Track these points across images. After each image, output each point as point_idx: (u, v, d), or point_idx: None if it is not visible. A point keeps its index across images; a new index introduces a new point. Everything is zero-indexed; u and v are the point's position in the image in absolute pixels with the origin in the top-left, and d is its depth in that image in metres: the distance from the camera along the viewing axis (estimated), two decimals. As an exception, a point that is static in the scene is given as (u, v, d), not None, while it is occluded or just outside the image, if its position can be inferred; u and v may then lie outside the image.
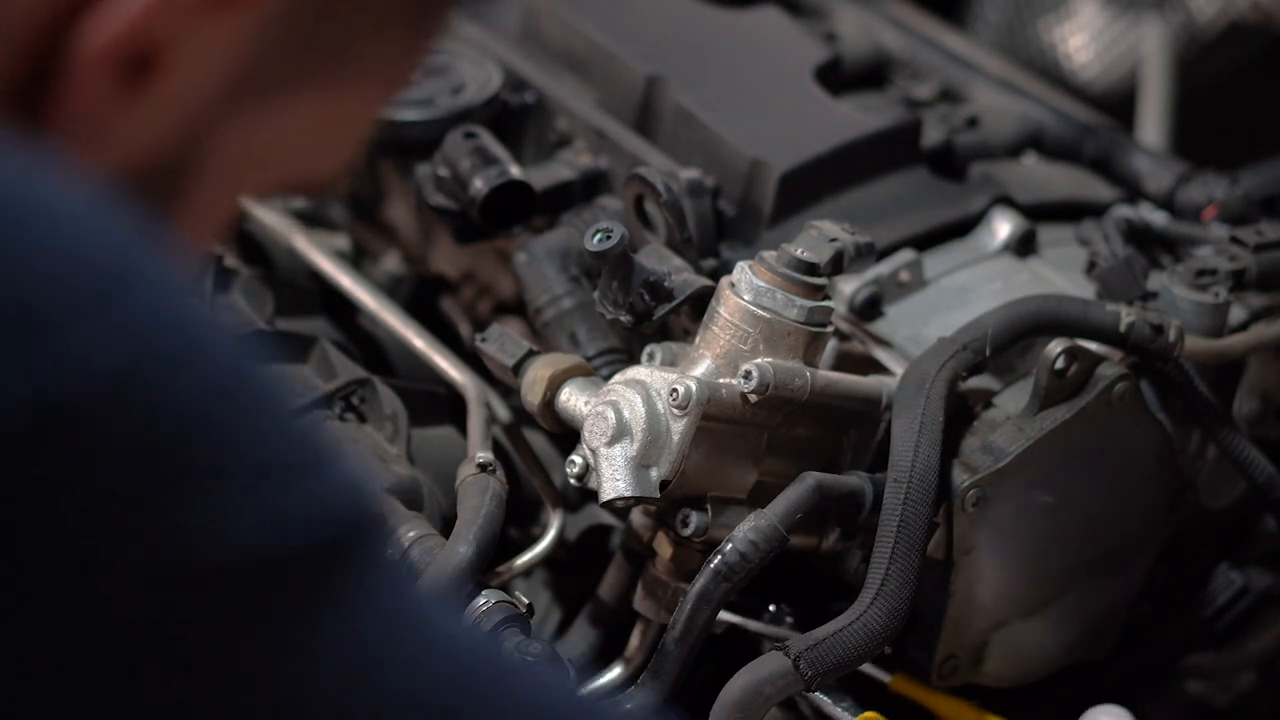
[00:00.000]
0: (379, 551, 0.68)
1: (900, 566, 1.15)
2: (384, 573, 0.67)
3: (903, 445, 1.18)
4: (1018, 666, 1.35)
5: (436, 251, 1.69)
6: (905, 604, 1.15)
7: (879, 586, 1.15)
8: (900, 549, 1.15)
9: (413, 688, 0.67)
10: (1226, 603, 1.43)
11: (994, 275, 1.38)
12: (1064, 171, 1.54)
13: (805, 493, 1.17)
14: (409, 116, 1.45)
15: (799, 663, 1.12)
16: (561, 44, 1.57)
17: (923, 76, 1.65)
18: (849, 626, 1.13)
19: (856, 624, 1.14)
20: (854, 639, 1.13)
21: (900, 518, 1.16)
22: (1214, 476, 1.39)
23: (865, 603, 1.14)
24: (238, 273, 1.44)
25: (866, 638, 1.13)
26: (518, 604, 1.17)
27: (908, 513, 1.16)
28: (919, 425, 1.18)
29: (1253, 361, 1.37)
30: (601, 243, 1.20)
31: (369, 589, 0.66)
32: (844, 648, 1.13)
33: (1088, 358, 1.25)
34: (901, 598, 1.15)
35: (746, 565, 1.15)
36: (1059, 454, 1.25)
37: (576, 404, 1.22)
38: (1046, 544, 1.29)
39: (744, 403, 1.17)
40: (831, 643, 1.13)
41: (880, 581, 1.15)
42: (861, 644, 1.13)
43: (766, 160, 1.38)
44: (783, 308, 1.18)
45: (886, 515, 1.16)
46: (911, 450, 1.18)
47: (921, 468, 1.17)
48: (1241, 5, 2.20)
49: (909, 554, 1.15)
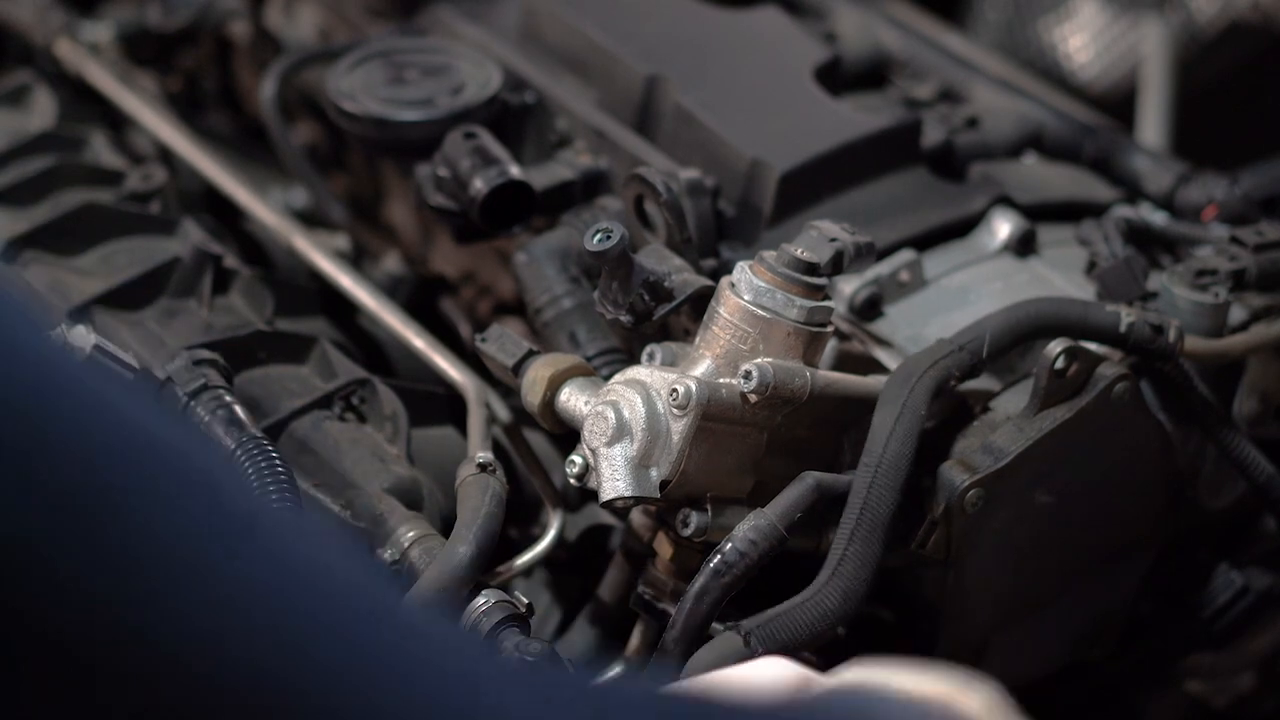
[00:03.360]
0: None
1: (859, 549, 1.14)
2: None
3: (878, 433, 1.18)
4: (1018, 666, 1.35)
5: (436, 251, 1.69)
6: (862, 586, 1.14)
7: (835, 567, 1.14)
8: (861, 532, 1.15)
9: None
10: (1226, 603, 1.43)
11: (994, 275, 1.38)
12: (1064, 171, 1.54)
13: (804, 492, 1.17)
14: (409, 116, 1.45)
15: (749, 639, 1.11)
16: (561, 44, 1.57)
17: (923, 76, 1.65)
18: (801, 604, 1.13)
19: (809, 602, 1.13)
20: (805, 617, 1.12)
21: (864, 501, 1.15)
22: (1214, 476, 1.39)
23: (820, 582, 1.13)
24: (238, 273, 1.44)
25: (818, 616, 1.12)
26: (517, 604, 1.17)
27: (872, 497, 1.15)
28: (897, 415, 1.18)
29: (1252, 361, 1.38)
30: (601, 243, 1.20)
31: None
32: (795, 625, 1.12)
33: (1088, 358, 1.25)
34: (858, 579, 1.14)
35: (745, 563, 1.14)
36: (1059, 454, 1.25)
37: (576, 404, 1.22)
38: (1046, 544, 1.29)
39: (744, 403, 1.17)
40: (783, 620, 1.12)
41: (837, 562, 1.14)
42: (813, 622, 1.12)
43: (766, 160, 1.38)
44: (782, 308, 1.18)
45: (852, 499, 1.16)
46: (885, 438, 1.17)
47: (892, 455, 1.17)
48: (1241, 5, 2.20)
49: (869, 538, 1.14)
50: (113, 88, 1.68)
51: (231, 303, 1.43)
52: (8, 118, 1.66)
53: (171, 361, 1.28)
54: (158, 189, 1.54)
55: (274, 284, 1.45)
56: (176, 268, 1.42)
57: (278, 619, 0.67)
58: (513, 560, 1.26)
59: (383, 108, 1.46)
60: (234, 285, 1.44)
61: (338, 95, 1.48)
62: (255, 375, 1.36)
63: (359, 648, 0.70)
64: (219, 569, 0.67)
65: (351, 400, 1.35)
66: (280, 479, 1.19)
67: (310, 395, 1.34)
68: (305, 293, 1.50)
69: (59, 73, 1.72)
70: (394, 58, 1.52)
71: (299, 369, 1.38)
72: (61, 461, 0.64)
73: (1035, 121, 1.57)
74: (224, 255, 1.45)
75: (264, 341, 1.38)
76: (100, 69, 1.70)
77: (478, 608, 1.17)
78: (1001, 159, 1.53)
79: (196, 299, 1.42)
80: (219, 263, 1.43)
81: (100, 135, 1.62)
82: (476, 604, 1.17)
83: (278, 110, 1.64)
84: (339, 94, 1.48)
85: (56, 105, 1.66)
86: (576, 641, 1.33)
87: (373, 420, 1.35)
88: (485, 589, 1.18)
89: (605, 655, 1.29)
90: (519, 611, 1.17)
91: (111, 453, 0.66)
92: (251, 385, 1.34)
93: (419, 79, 1.50)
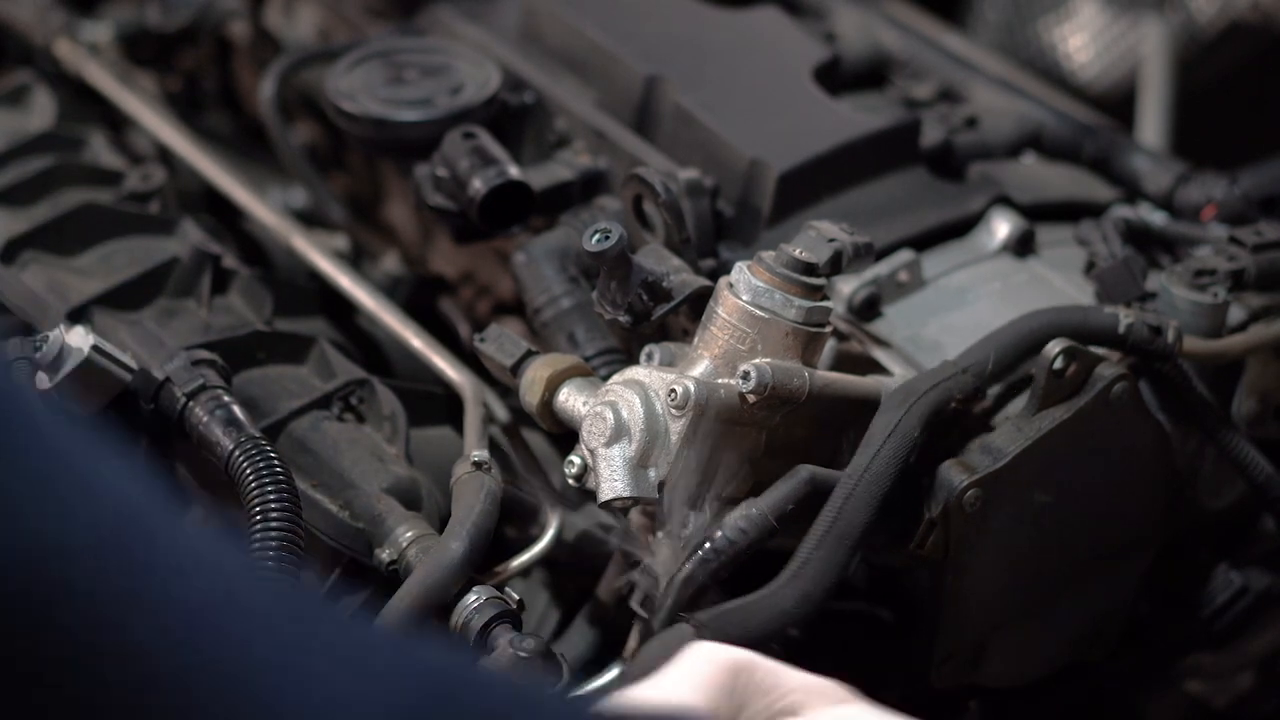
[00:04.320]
0: None
1: (825, 555, 1.13)
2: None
3: (866, 447, 1.18)
4: (1017, 666, 1.35)
5: (436, 251, 1.69)
6: (821, 591, 1.13)
7: (797, 569, 1.13)
8: (830, 539, 1.14)
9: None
10: (1226, 603, 1.42)
11: (993, 275, 1.38)
12: (1063, 171, 1.54)
13: (797, 485, 1.16)
14: (409, 116, 1.45)
15: (702, 632, 1.10)
16: (561, 44, 1.57)
17: (922, 76, 1.65)
18: (757, 601, 1.12)
19: (765, 600, 1.12)
20: (759, 614, 1.11)
21: (839, 511, 1.15)
22: (1214, 476, 1.39)
23: (780, 582, 1.13)
24: (237, 273, 1.44)
25: (772, 615, 1.11)
26: (508, 600, 1.17)
27: (848, 508, 1.15)
28: (889, 432, 1.18)
29: (1251, 362, 1.37)
30: (600, 243, 1.20)
31: None
32: (748, 622, 1.11)
33: (1086, 358, 1.24)
34: (818, 584, 1.13)
35: (733, 549, 1.14)
36: (1058, 454, 1.25)
37: (575, 404, 1.22)
38: (1045, 544, 1.29)
39: (742, 403, 1.17)
40: (736, 614, 1.11)
41: (800, 564, 1.13)
42: (766, 620, 1.11)
43: (765, 160, 1.38)
44: (781, 308, 1.18)
45: (829, 505, 1.15)
46: (872, 453, 1.17)
47: (876, 470, 1.16)
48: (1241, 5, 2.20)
49: (837, 546, 1.14)
50: (112, 88, 1.68)
51: (230, 303, 1.43)
52: (7, 118, 1.66)
53: (170, 361, 1.28)
54: (157, 189, 1.54)
55: (273, 284, 1.45)
56: (175, 268, 1.42)
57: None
58: (511, 560, 1.26)
59: (382, 108, 1.46)
60: (233, 285, 1.44)
61: (337, 95, 1.48)
62: (254, 375, 1.36)
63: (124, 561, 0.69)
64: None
65: (350, 400, 1.35)
66: (279, 479, 1.19)
67: (309, 395, 1.34)
68: (304, 293, 1.50)
69: (59, 73, 1.72)
70: (393, 58, 1.52)
71: (298, 369, 1.38)
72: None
73: (1035, 121, 1.57)
74: (223, 255, 1.45)
75: (263, 342, 1.38)
76: (100, 69, 1.70)
77: (468, 605, 1.17)
78: (1001, 159, 1.53)
79: (195, 299, 1.42)
80: (218, 263, 1.43)
81: (100, 135, 1.62)
82: (467, 601, 1.17)
83: (277, 110, 1.64)
84: (338, 94, 1.48)
85: (56, 105, 1.66)
86: (575, 641, 1.33)
87: (371, 420, 1.35)
88: (476, 586, 1.17)
89: (604, 656, 1.30)
90: (510, 608, 1.16)
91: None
92: (250, 385, 1.34)
93: (418, 79, 1.50)
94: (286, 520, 1.17)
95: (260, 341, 1.37)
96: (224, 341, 1.35)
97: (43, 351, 1.21)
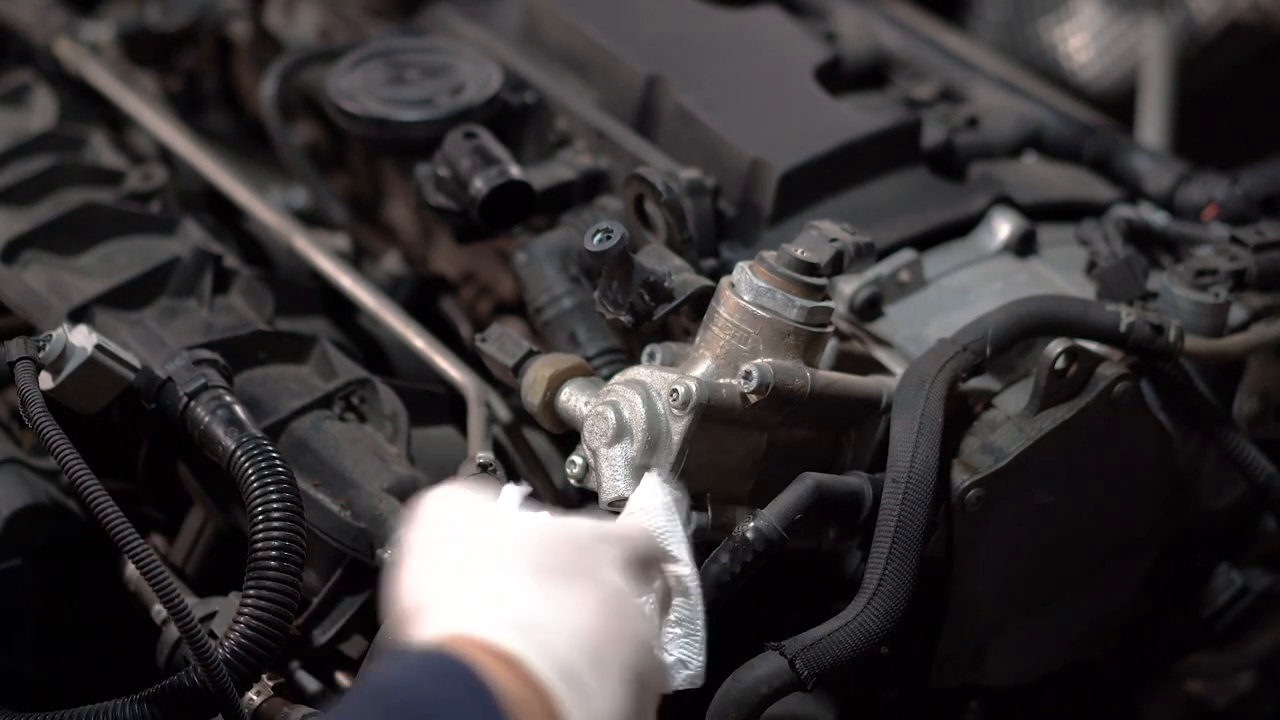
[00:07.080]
0: None
1: (897, 567, 1.15)
2: None
3: (902, 446, 1.18)
4: (1018, 666, 1.35)
5: (436, 251, 1.69)
6: (902, 604, 1.15)
7: (875, 587, 1.15)
8: (898, 549, 1.15)
9: None
10: (1226, 603, 1.43)
11: (994, 275, 1.38)
12: (1064, 171, 1.54)
13: (804, 493, 1.17)
14: (409, 116, 1.45)
15: (795, 663, 1.12)
16: (561, 44, 1.57)
17: (923, 76, 1.65)
18: (845, 627, 1.13)
19: (853, 624, 1.14)
20: (850, 639, 1.13)
21: (898, 518, 1.16)
22: (1214, 476, 1.39)
23: (862, 603, 1.14)
24: (238, 273, 1.44)
25: (862, 637, 1.13)
26: None
27: (905, 513, 1.16)
28: (918, 426, 1.18)
29: (1252, 361, 1.37)
30: (601, 243, 1.20)
31: None
32: (840, 648, 1.13)
33: (1088, 358, 1.25)
34: (898, 598, 1.15)
35: (745, 565, 1.15)
36: (1059, 454, 1.25)
37: (577, 404, 1.22)
38: (1046, 544, 1.29)
39: (744, 403, 1.17)
40: (828, 643, 1.13)
41: (877, 582, 1.15)
42: (857, 644, 1.13)
43: (766, 160, 1.38)
44: (782, 308, 1.18)
45: (884, 515, 1.16)
46: (910, 451, 1.18)
47: (920, 468, 1.17)
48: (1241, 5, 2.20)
49: (906, 554, 1.15)
50: (113, 87, 1.68)
51: (232, 302, 1.43)
52: (8, 118, 1.66)
53: (172, 361, 1.28)
54: (158, 189, 1.54)
55: (274, 284, 1.45)
56: (177, 267, 1.42)
57: None
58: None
59: (383, 108, 1.46)
60: (234, 285, 1.44)
61: (338, 95, 1.48)
62: (255, 375, 1.36)
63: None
64: None
65: (352, 400, 1.35)
66: (281, 479, 1.19)
67: (310, 395, 1.34)
68: (305, 292, 1.50)
69: (59, 73, 1.72)
70: (394, 57, 1.52)
71: (299, 369, 1.38)
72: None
73: (1035, 121, 1.57)
74: (224, 255, 1.45)
75: (264, 341, 1.38)
76: (100, 69, 1.70)
77: None
78: (1001, 159, 1.53)
79: (197, 299, 1.42)
80: (219, 262, 1.43)
81: (100, 135, 1.62)
82: None
83: (278, 110, 1.64)
84: (339, 94, 1.48)
85: (56, 105, 1.66)
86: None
87: (373, 420, 1.35)
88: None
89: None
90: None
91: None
92: (252, 385, 1.34)
93: (419, 79, 1.50)
94: (288, 520, 1.17)
95: (262, 341, 1.37)
96: (225, 341, 1.35)
97: (46, 350, 1.21)
